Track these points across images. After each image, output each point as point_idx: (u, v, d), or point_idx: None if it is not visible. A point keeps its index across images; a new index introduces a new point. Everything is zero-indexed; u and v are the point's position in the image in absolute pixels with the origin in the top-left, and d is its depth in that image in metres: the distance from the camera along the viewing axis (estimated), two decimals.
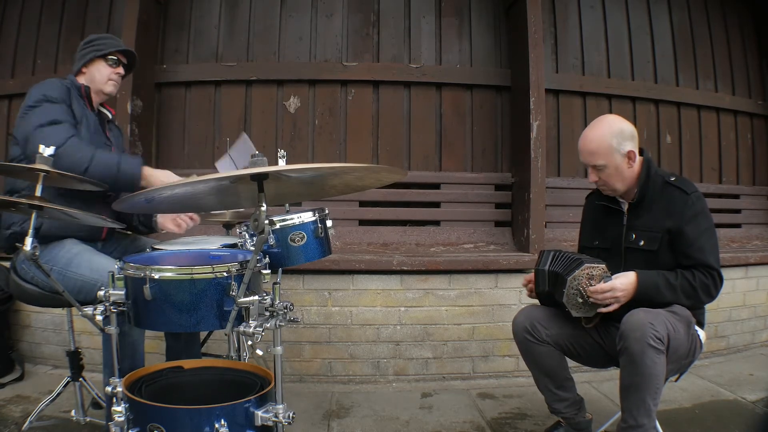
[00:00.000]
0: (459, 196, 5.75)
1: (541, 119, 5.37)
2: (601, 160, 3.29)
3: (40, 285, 3.30)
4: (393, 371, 5.10)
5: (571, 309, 3.19)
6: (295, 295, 5.00)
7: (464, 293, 5.17)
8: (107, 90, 3.69)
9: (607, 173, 3.31)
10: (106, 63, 3.67)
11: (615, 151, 3.26)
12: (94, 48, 3.68)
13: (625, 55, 6.21)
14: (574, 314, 3.20)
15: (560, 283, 3.20)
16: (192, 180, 2.14)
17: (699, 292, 3.12)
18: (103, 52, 3.66)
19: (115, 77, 3.71)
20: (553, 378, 3.49)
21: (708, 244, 3.18)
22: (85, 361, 3.73)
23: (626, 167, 3.31)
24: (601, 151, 3.28)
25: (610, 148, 3.26)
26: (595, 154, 3.29)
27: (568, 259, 3.25)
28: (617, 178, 3.33)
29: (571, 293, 3.15)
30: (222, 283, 2.35)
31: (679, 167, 6.35)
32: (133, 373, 2.54)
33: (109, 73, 3.68)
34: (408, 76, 5.75)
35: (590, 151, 3.32)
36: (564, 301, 3.17)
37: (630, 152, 3.27)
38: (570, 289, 3.14)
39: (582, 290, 3.13)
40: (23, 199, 2.54)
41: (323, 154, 5.72)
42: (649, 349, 2.86)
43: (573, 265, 3.16)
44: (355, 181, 2.67)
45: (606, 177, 3.33)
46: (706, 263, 3.14)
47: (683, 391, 4.64)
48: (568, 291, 3.15)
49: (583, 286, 3.13)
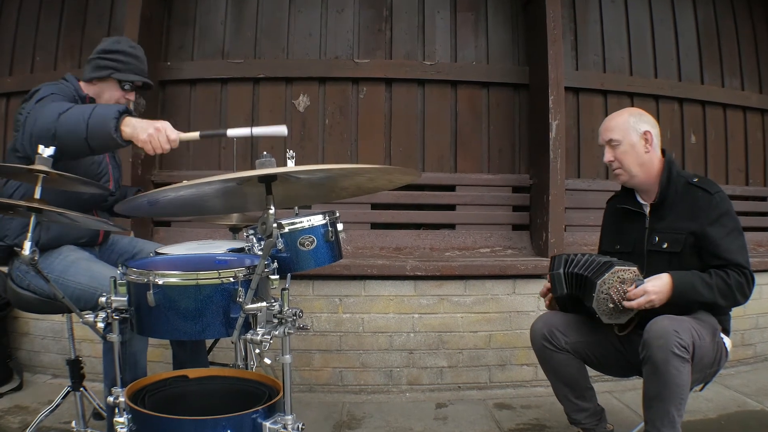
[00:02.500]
0: (475, 198, 5.72)
1: (560, 118, 5.34)
2: (616, 134, 3.38)
3: (37, 292, 3.28)
4: (406, 381, 5.08)
5: (602, 316, 3.15)
6: (305, 302, 4.98)
7: (480, 299, 5.15)
8: None
9: (621, 150, 3.38)
10: (120, 86, 3.52)
11: (631, 128, 3.36)
12: (115, 64, 3.50)
13: (648, 52, 6.16)
14: (605, 321, 3.17)
15: (589, 287, 3.17)
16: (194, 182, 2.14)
17: (735, 291, 3.09)
18: (123, 77, 3.50)
19: (124, 101, 3.54)
20: (572, 387, 3.48)
21: (735, 244, 3.17)
22: (86, 370, 3.68)
23: (642, 149, 3.36)
24: (618, 126, 3.39)
25: (627, 124, 3.37)
26: (612, 129, 3.41)
27: (595, 261, 3.23)
28: (632, 159, 3.37)
29: (602, 298, 3.11)
30: (228, 289, 2.34)
31: (704, 168, 6.29)
32: (136, 383, 2.54)
33: (119, 96, 3.53)
34: (422, 74, 5.72)
35: (607, 127, 3.44)
36: (594, 306, 3.14)
37: (647, 132, 3.35)
38: (600, 293, 3.11)
39: (613, 295, 3.09)
40: (22, 201, 2.53)
41: (334, 155, 5.70)
42: (673, 357, 2.85)
43: (603, 268, 3.13)
44: (367, 183, 2.69)
45: (620, 155, 3.38)
46: (737, 262, 3.13)
47: (708, 401, 4.61)
48: (598, 296, 3.11)
49: (614, 291, 3.09)
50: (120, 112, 2.93)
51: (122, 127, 2.91)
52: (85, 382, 3.62)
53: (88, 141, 2.91)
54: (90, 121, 2.90)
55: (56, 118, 2.92)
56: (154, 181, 5.50)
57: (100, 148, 3.06)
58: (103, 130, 2.89)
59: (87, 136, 2.90)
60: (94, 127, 2.90)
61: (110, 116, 2.90)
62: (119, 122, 2.91)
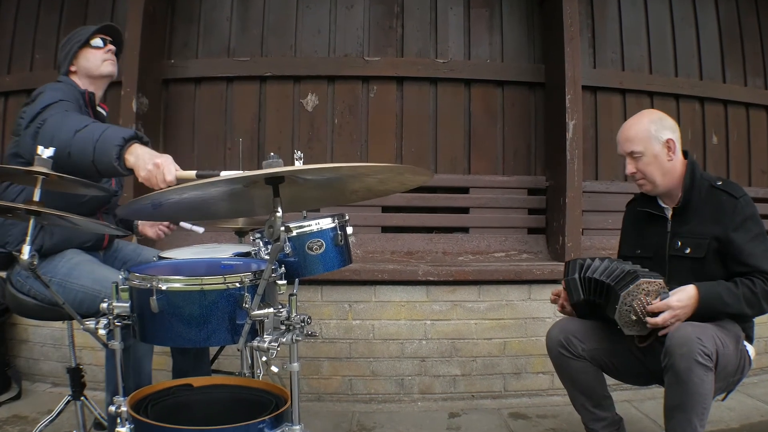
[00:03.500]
0: (489, 201, 5.70)
1: (577, 118, 5.32)
2: (638, 146, 3.32)
3: (37, 297, 3.27)
4: (418, 389, 5.05)
5: (624, 327, 3.12)
6: (313, 308, 4.97)
7: (495, 305, 5.13)
8: (106, 71, 3.61)
9: (644, 162, 3.33)
10: (91, 49, 3.57)
11: (653, 138, 3.31)
12: (72, 41, 3.59)
13: (668, 50, 6.11)
14: (626, 332, 3.13)
15: (612, 298, 3.14)
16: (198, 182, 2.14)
17: (761, 300, 3.07)
18: (83, 39, 3.56)
19: (109, 55, 3.61)
20: (590, 396, 3.46)
21: (760, 249, 3.15)
22: (87, 378, 3.66)
23: (665, 158, 3.32)
24: (639, 137, 3.33)
25: (648, 134, 3.31)
26: (632, 140, 3.35)
27: (618, 269, 3.19)
28: (656, 170, 3.33)
29: (624, 310, 3.07)
30: (234, 295, 2.32)
31: (726, 170, 6.24)
32: (139, 392, 2.52)
33: (100, 54, 3.59)
34: (434, 72, 5.70)
35: (627, 138, 3.38)
36: (616, 318, 3.11)
37: (669, 140, 3.31)
38: (623, 305, 3.07)
39: (636, 307, 3.05)
40: (20, 204, 2.52)
41: (343, 156, 5.68)
42: (696, 366, 2.83)
43: (627, 279, 3.09)
44: (378, 185, 2.66)
45: (643, 167, 3.34)
46: (762, 269, 3.10)
47: (731, 410, 4.58)
48: (621, 308, 3.07)
49: (637, 303, 3.05)
50: (125, 139, 2.89)
51: (126, 155, 2.88)
52: (86, 391, 3.60)
53: (95, 165, 2.90)
54: (97, 146, 2.88)
55: (72, 136, 2.91)
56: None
57: (107, 174, 3.05)
58: (107, 157, 2.86)
59: (94, 160, 2.89)
60: (100, 153, 2.87)
61: (114, 143, 2.87)
62: (123, 150, 2.88)
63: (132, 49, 5.09)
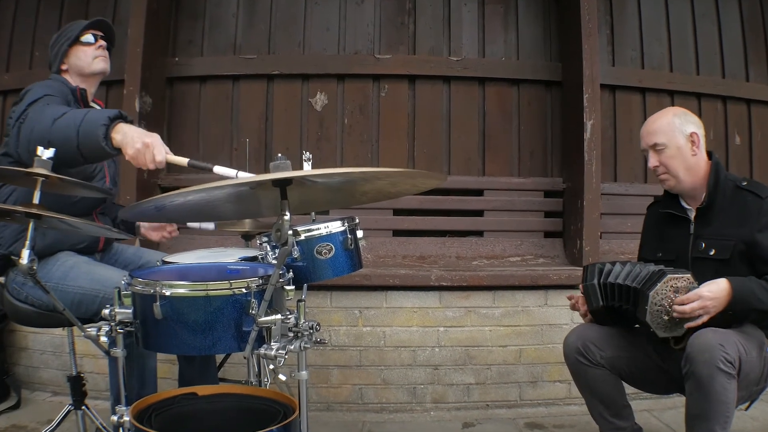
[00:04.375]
0: (504, 203, 5.68)
1: (595, 118, 5.30)
2: (661, 137, 3.34)
3: (35, 304, 3.26)
4: (431, 398, 5.04)
5: (657, 330, 3.09)
6: (322, 314, 4.95)
7: (510, 312, 5.11)
8: (98, 68, 3.61)
9: (667, 155, 3.34)
10: (82, 46, 3.57)
11: (677, 130, 3.32)
12: (62, 38, 3.59)
13: (690, 47, 6.08)
14: (660, 335, 3.10)
15: (641, 300, 3.10)
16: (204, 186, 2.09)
17: None
18: (74, 35, 3.56)
19: (100, 52, 3.61)
20: (608, 405, 3.45)
21: None
22: (89, 387, 3.68)
23: (689, 152, 3.33)
24: (662, 129, 3.35)
25: (672, 126, 3.33)
26: (656, 132, 3.37)
27: (642, 271, 3.19)
28: (679, 163, 3.33)
29: (656, 310, 3.04)
30: (241, 301, 2.33)
31: (749, 171, 6.19)
32: (142, 401, 2.50)
33: (91, 51, 3.58)
34: (448, 70, 5.68)
35: (650, 130, 3.40)
36: (648, 320, 3.07)
37: (693, 134, 3.32)
38: (653, 305, 3.04)
39: (667, 305, 3.02)
40: (20, 207, 2.52)
41: (353, 157, 5.68)
42: (718, 373, 2.81)
43: (654, 278, 3.09)
44: (389, 187, 2.65)
45: (666, 160, 3.34)
46: None
47: (754, 420, 4.54)
48: (652, 308, 3.04)
49: (668, 302, 3.02)
50: (110, 118, 2.87)
51: (113, 134, 2.86)
52: (88, 399, 3.59)
53: (80, 150, 2.87)
54: (81, 129, 2.85)
55: (50, 125, 2.90)
56: (161, 185, 5.49)
57: (93, 158, 3.03)
58: (92, 138, 2.84)
59: (78, 144, 2.86)
60: (85, 135, 2.85)
61: (99, 122, 2.84)
62: (109, 129, 2.86)
63: (135, 47, 5.09)
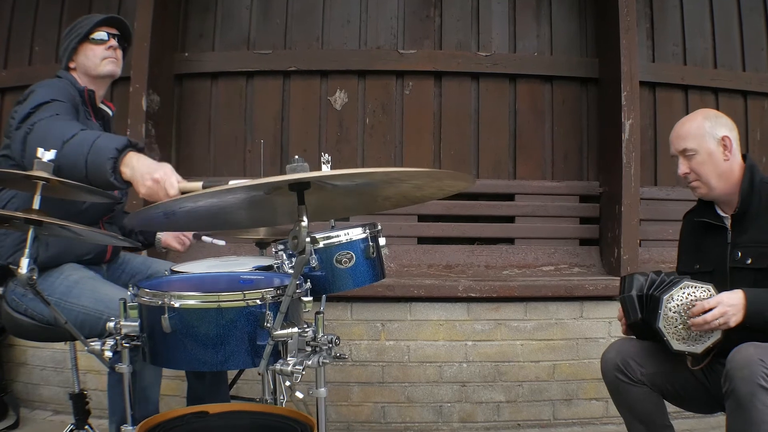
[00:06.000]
0: (536, 209, 5.67)
1: (634, 117, 5.27)
2: (691, 143, 3.29)
3: (35, 317, 3.22)
4: (458, 417, 5.03)
5: (671, 339, 3.07)
6: (342, 327, 4.95)
7: (543, 324, 5.11)
8: (105, 71, 3.54)
9: (697, 161, 3.29)
10: (92, 44, 3.51)
11: (707, 134, 3.28)
12: (73, 33, 3.54)
13: (735, 42, 6.02)
14: (675, 347, 3.08)
15: (653, 305, 3.10)
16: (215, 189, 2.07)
17: None
18: (84, 31, 3.51)
19: (110, 53, 3.55)
20: (648, 425, 3.39)
21: None
22: (92, 405, 3.66)
23: (721, 157, 3.27)
24: (692, 133, 3.31)
25: (702, 130, 3.29)
26: (685, 137, 3.33)
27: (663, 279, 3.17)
28: (711, 170, 3.28)
29: (670, 316, 3.04)
30: (255, 313, 2.31)
31: None
32: (149, 420, 2.53)
33: (100, 51, 3.52)
34: (476, 66, 5.64)
35: (679, 135, 3.37)
36: (660, 327, 3.06)
37: (725, 138, 3.26)
38: (667, 311, 3.05)
39: (684, 315, 3.01)
40: (19, 213, 2.48)
41: (375, 160, 5.66)
42: (759, 390, 2.74)
43: (670, 283, 3.07)
44: (413, 191, 2.60)
45: (697, 166, 3.29)
46: None
47: None
48: (665, 314, 3.06)
49: (684, 310, 3.01)
50: (118, 150, 2.81)
51: (121, 167, 2.81)
52: (91, 419, 3.60)
53: (89, 179, 2.83)
54: (89, 159, 2.81)
55: (60, 148, 2.82)
56: None
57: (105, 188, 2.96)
58: (101, 172, 2.80)
59: (87, 174, 2.82)
60: (93, 167, 2.81)
61: (107, 156, 2.79)
62: (117, 162, 2.80)
63: (142, 41, 5.07)
